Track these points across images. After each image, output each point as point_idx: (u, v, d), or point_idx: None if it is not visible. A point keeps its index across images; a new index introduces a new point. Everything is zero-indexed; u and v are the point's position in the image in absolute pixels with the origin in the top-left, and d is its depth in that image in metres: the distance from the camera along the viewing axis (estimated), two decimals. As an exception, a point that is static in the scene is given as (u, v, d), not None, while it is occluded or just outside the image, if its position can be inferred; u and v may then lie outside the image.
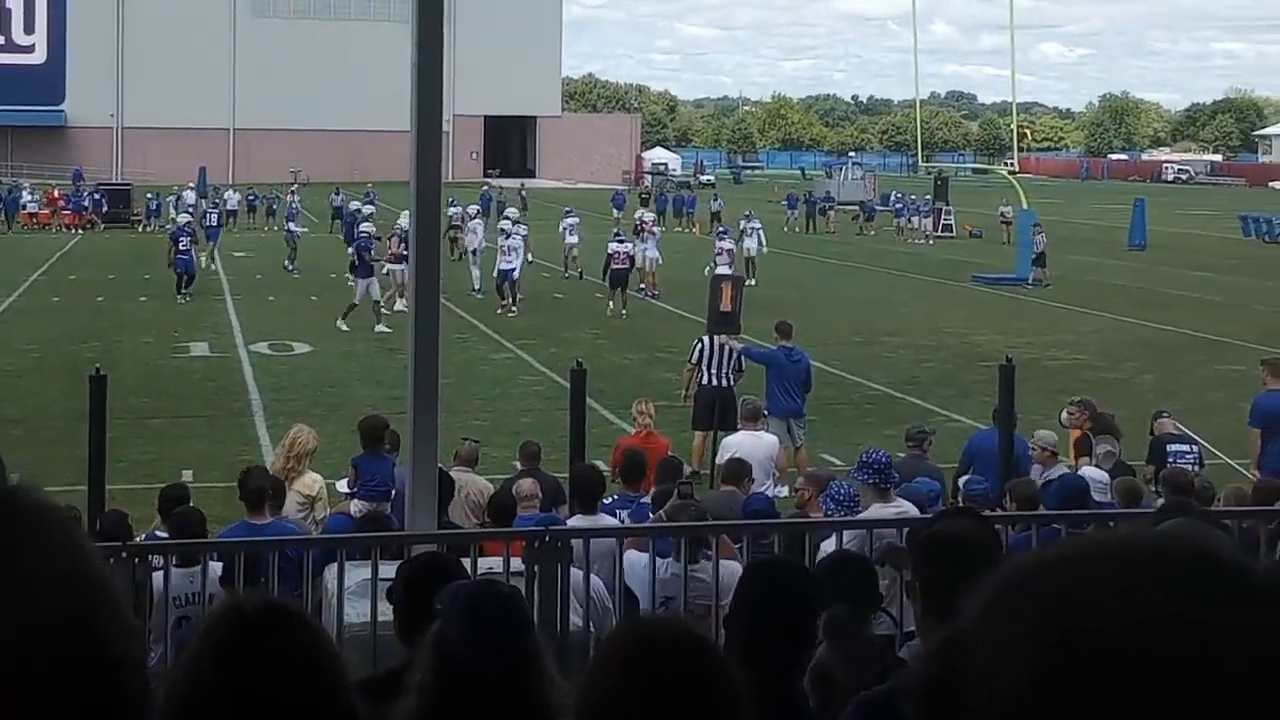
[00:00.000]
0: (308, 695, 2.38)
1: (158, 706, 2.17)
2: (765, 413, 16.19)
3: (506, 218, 36.80)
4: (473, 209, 37.96)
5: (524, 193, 60.54)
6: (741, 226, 39.36)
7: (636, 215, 40.50)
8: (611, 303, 31.02)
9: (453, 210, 39.19)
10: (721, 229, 35.40)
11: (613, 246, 31.91)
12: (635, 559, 7.59)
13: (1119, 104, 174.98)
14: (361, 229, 31.21)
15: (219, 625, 2.45)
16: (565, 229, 39.05)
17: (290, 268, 39.14)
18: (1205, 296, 36.01)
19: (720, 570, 7.18)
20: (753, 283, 31.19)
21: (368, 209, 35.00)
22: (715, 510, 9.05)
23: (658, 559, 7.44)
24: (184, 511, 8.88)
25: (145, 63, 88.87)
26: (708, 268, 29.62)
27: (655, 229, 34.35)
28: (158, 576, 7.03)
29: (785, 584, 4.47)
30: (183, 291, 32.25)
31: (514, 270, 30.65)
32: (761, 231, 39.46)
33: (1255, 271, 43.13)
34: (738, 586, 4.69)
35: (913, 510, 9.06)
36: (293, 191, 60.97)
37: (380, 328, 27.11)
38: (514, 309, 29.95)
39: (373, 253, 29.10)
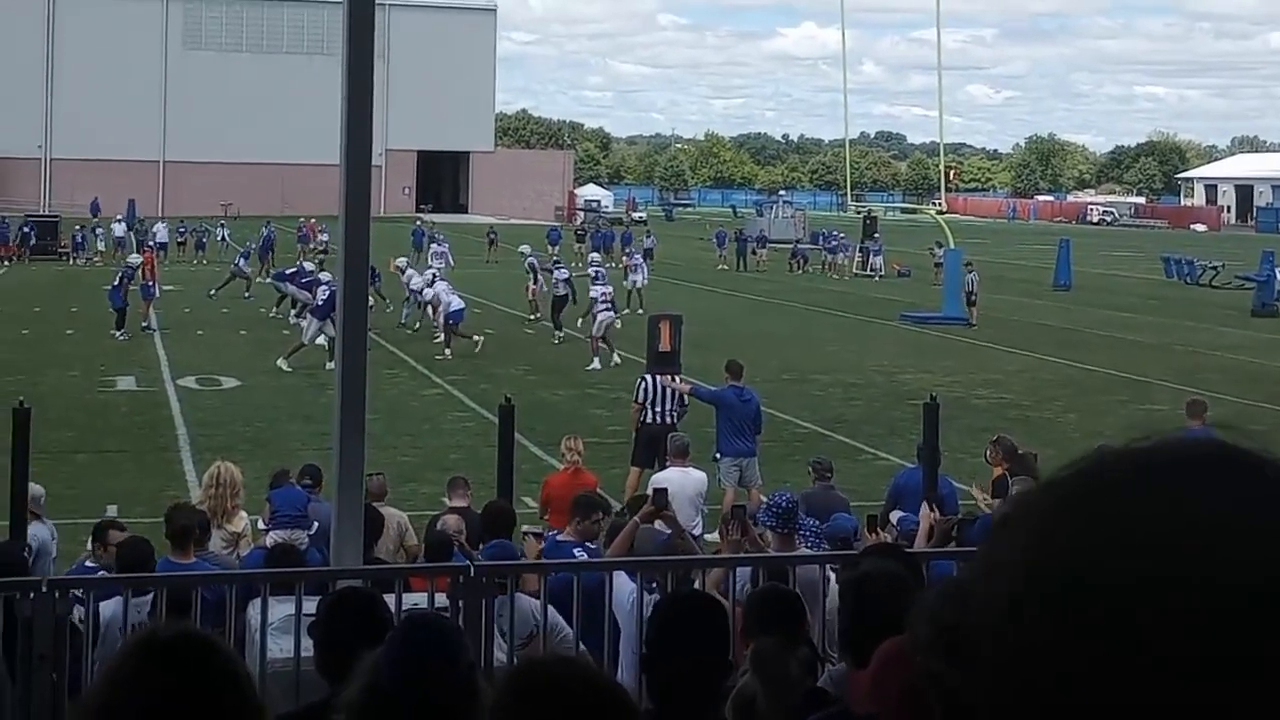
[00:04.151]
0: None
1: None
2: (717, 455, 16.29)
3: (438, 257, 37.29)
4: (402, 261, 36.75)
5: (493, 234, 60.07)
6: (625, 262, 40.72)
7: (590, 258, 40.73)
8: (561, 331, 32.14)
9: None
10: (594, 271, 33.18)
11: (557, 274, 33.63)
12: (623, 589, 7.59)
13: (1045, 146, 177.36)
14: (323, 277, 30.78)
15: (133, 651, 2.47)
16: (433, 254, 40.54)
17: (248, 296, 39.37)
18: (1128, 337, 36.54)
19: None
20: (640, 313, 32.04)
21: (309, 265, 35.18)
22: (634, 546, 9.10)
23: (645, 594, 7.45)
24: (132, 541, 8.82)
25: (74, 93, 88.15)
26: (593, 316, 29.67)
27: (594, 269, 34.48)
28: (105, 606, 7.02)
29: (693, 616, 4.54)
30: (121, 328, 31.82)
31: (463, 309, 30.68)
32: (644, 266, 40.75)
33: (1177, 312, 43.84)
34: (649, 621, 4.76)
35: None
36: (222, 224, 60.72)
37: (331, 365, 26.76)
38: (478, 336, 29.84)
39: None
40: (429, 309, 31.72)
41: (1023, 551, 0.78)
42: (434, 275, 33.15)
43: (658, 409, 17.26)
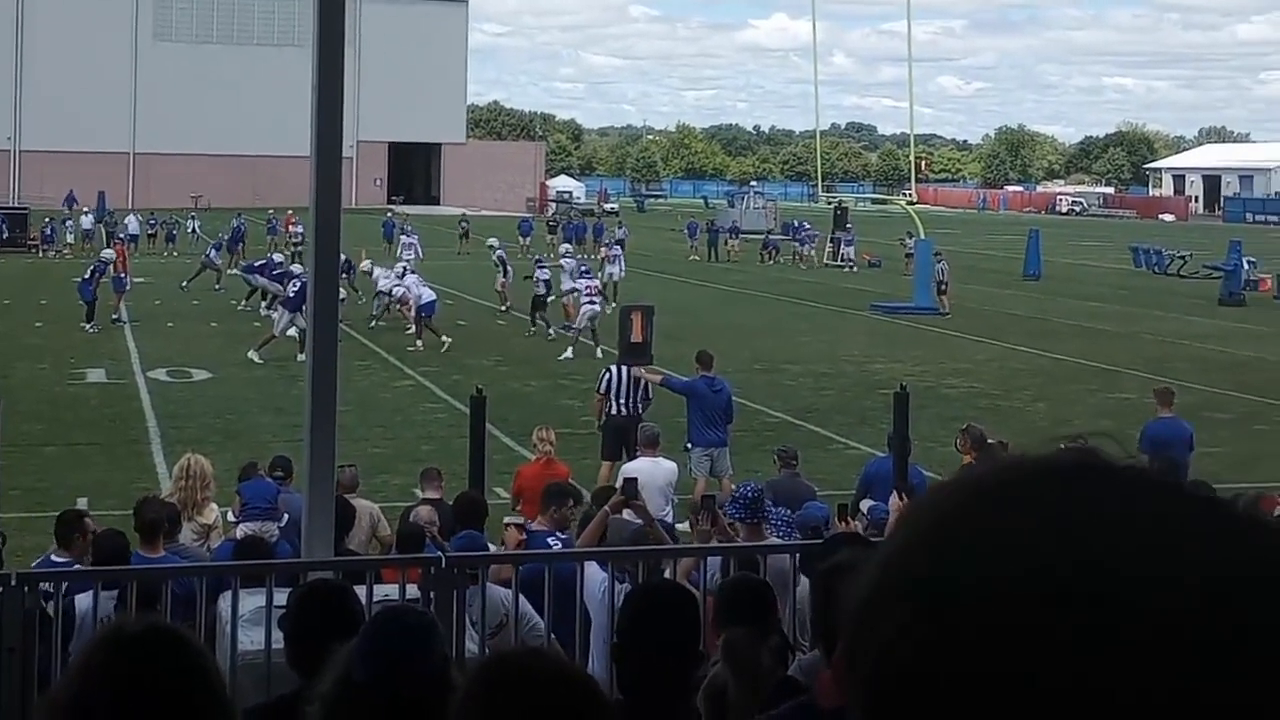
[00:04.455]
0: (190, 716, 2.41)
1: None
2: (688, 445, 16.31)
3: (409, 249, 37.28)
4: (367, 264, 36.03)
5: (465, 224, 60.12)
6: (603, 254, 40.50)
7: (560, 249, 40.40)
8: (532, 326, 31.63)
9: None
10: (583, 267, 33.41)
11: (538, 274, 32.48)
12: (595, 579, 7.59)
13: (1014, 136, 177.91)
14: (294, 269, 30.67)
15: (101, 646, 2.48)
16: (403, 246, 41.12)
17: (218, 288, 39.21)
18: (1097, 326, 36.70)
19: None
20: (613, 307, 31.89)
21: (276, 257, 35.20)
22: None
23: (616, 583, 7.44)
24: (109, 534, 8.79)
25: (44, 85, 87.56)
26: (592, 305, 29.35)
27: (567, 260, 34.38)
28: (80, 599, 7.01)
29: (663, 607, 4.56)
30: (91, 320, 31.64)
31: (434, 301, 30.59)
32: (622, 257, 40.71)
33: (1145, 302, 44.06)
34: (619, 612, 4.77)
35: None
36: (192, 216, 60.43)
37: (302, 356, 26.67)
38: (447, 337, 29.51)
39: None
40: (396, 305, 31.68)
41: (888, 545, 0.87)
42: (405, 268, 33.13)
43: (622, 400, 17.23)
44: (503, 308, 35.78)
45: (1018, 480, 0.85)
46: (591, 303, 29.05)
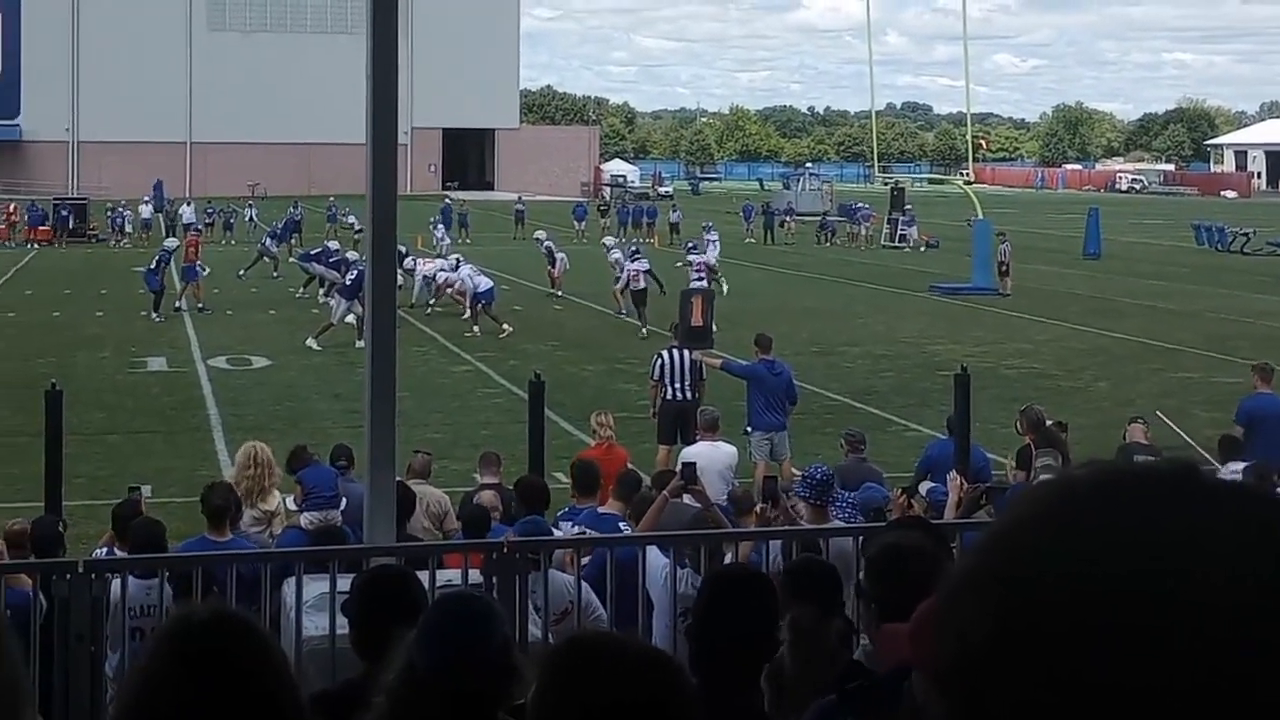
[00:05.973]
0: (257, 702, 2.41)
1: (113, 716, 2.20)
2: (748, 429, 16.25)
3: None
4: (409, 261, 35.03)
5: (520, 206, 60.61)
6: (704, 238, 40.31)
7: (606, 240, 40.28)
8: (641, 323, 29.77)
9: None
10: (690, 243, 34.31)
11: (631, 267, 31.14)
12: (656, 564, 7.56)
13: (1072, 114, 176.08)
14: (350, 256, 30.79)
15: (170, 635, 2.48)
16: (436, 233, 42.35)
17: (276, 275, 39.42)
18: (1158, 305, 36.33)
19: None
20: (726, 290, 32.08)
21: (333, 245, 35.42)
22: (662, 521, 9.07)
23: (678, 569, 7.42)
24: (144, 523, 8.86)
25: (101, 76, 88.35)
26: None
27: (613, 251, 34.36)
28: (115, 585, 7.04)
29: (740, 593, 4.53)
30: (158, 310, 31.90)
31: (492, 288, 30.60)
32: (717, 242, 40.46)
33: (1207, 280, 43.55)
34: (697, 595, 4.75)
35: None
36: (250, 205, 60.83)
37: (361, 343, 26.83)
38: (508, 325, 29.30)
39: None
40: (448, 290, 31.78)
41: (985, 534, 0.94)
42: (458, 259, 33.15)
43: (676, 385, 17.19)
44: (558, 293, 35.74)
45: (1110, 486, 0.90)
46: (700, 279, 29.01)
